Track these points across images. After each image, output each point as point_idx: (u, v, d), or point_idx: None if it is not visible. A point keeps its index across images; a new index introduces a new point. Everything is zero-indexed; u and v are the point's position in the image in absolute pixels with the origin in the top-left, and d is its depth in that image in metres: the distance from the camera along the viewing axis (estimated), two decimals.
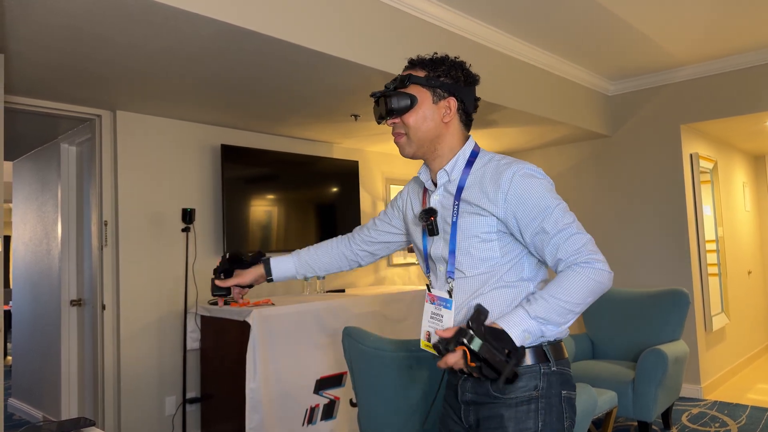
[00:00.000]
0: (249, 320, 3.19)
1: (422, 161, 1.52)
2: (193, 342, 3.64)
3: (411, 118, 1.40)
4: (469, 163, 1.42)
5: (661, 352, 3.38)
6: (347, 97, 3.36)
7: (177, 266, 3.65)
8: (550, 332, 1.26)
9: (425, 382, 2.23)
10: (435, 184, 1.48)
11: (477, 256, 1.36)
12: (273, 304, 3.43)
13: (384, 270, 5.08)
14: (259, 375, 3.18)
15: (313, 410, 3.48)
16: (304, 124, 4.01)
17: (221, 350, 3.49)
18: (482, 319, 1.22)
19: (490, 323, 1.24)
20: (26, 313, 4.75)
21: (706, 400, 4.42)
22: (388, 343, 2.27)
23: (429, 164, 1.48)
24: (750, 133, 5.13)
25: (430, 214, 1.44)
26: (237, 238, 3.86)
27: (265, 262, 1.65)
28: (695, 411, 4.14)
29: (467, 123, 1.47)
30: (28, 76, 2.81)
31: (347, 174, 4.66)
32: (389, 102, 1.40)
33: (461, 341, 1.17)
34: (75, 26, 2.22)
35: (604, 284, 1.27)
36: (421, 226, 1.49)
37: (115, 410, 3.40)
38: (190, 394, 3.64)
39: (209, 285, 3.83)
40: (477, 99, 1.48)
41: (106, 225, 3.46)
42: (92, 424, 1.51)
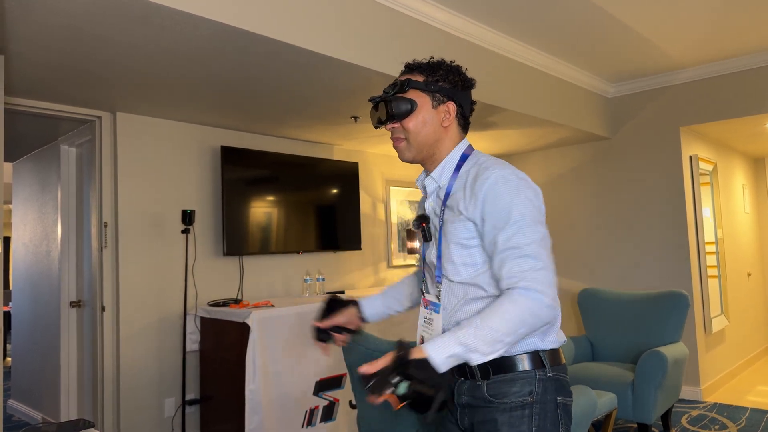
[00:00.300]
0: (248, 322, 3.19)
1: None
2: (193, 343, 3.64)
3: (411, 122, 1.40)
4: (459, 167, 1.41)
5: (661, 354, 3.38)
6: (347, 99, 3.36)
7: (177, 268, 3.65)
8: (476, 360, 1.19)
9: None
10: None
11: (459, 262, 1.34)
12: (273, 306, 3.43)
13: (384, 271, 5.08)
14: (258, 376, 3.18)
15: (312, 412, 3.48)
16: (304, 126, 4.01)
17: (221, 352, 3.49)
18: (405, 358, 1.16)
19: (414, 352, 1.18)
20: (26, 314, 4.75)
21: (706, 402, 4.42)
22: (388, 345, 2.27)
23: (427, 169, 1.48)
24: (749, 135, 5.14)
25: (422, 220, 1.45)
26: (237, 240, 3.86)
27: (356, 304, 1.67)
28: (695, 413, 4.13)
29: (465, 127, 1.47)
30: (29, 77, 2.81)
31: (347, 176, 4.67)
32: (390, 107, 1.40)
33: (387, 389, 1.14)
34: (75, 27, 2.22)
35: (541, 317, 1.21)
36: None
37: (115, 412, 3.40)
38: (189, 396, 3.64)
39: (208, 286, 3.85)
40: (473, 103, 1.49)
41: (105, 226, 3.46)
42: (91, 425, 1.51)
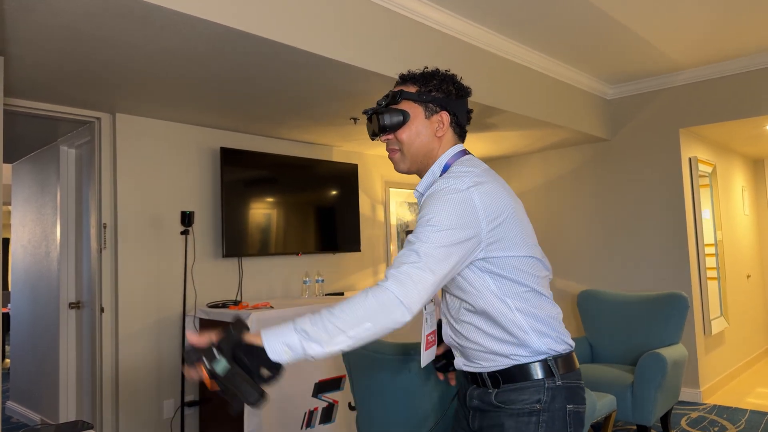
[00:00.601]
0: (248, 323, 3.18)
1: None
2: None
3: (404, 133, 1.40)
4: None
5: (660, 355, 3.37)
6: (346, 100, 3.36)
7: (176, 269, 3.65)
8: (313, 351, 1.09)
9: (423, 386, 2.22)
10: None
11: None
12: (272, 307, 3.43)
13: (383, 273, 5.07)
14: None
15: (311, 413, 3.48)
16: (303, 127, 4.02)
17: None
18: (234, 336, 1.07)
19: (250, 337, 1.10)
20: (25, 315, 4.74)
21: (706, 404, 4.42)
22: (387, 347, 2.27)
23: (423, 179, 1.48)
24: (749, 137, 5.14)
25: (409, 233, 1.46)
26: (236, 242, 3.86)
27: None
28: (694, 415, 4.13)
29: (461, 135, 1.46)
30: (28, 79, 2.81)
31: (346, 177, 4.67)
32: (381, 119, 1.40)
33: (203, 361, 1.05)
34: (75, 29, 2.22)
35: (392, 316, 1.11)
36: None
37: (113, 413, 3.39)
38: (188, 398, 3.64)
39: (208, 287, 3.84)
40: (470, 111, 1.47)
41: (105, 227, 3.46)
42: (90, 427, 1.51)
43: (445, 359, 1.56)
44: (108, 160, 3.49)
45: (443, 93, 1.41)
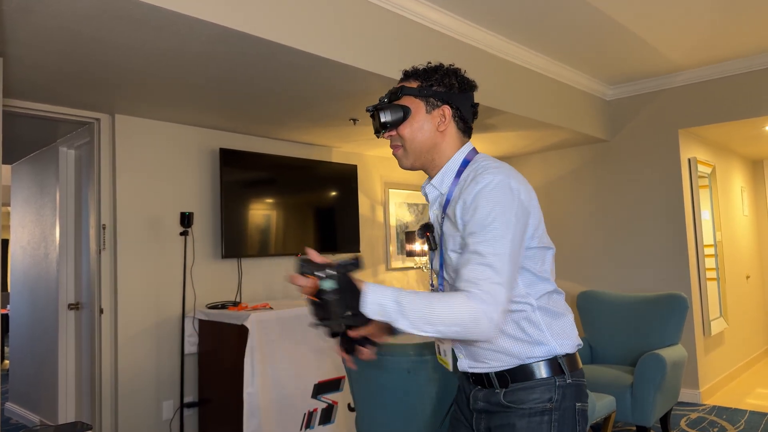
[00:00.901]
0: (247, 324, 3.19)
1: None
2: (191, 346, 3.64)
3: (406, 129, 1.39)
4: (460, 172, 1.38)
5: (660, 356, 3.37)
6: (346, 101, 3.36)
7: (175, 270, 3.65)
8: (400, 325, 1.15)
9: (423, 387, 2.22)
10: None
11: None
12: (271, 308, 3.43)
13: (382, 274, 5.07)
14: (256, 379, 3.18)
15: (311, 415, 3.47)
16: (302, 128, 4.01)
17: (219, 354, 3.48)
18: (350, 269, 1.16)
19: (356, 280, 1.16)
20: (24, 316, 4.74)
21: (705, 404, 4.42)
22: (386, 347, 2.27)
23: (429, 175, 1.45)
24: (748, 137, 5.14)
25: (426, 229, 1.44)
26: (235, 242, 3.86)
27: None
28: (694, 416, 4.13)
29: (466, 130, 1.44)
30: (27, 80, 2.81)
31: (346, 178, 4.66)
32: (382, 115, 1.39)
33: (316, 273, 1.14)
34: (74, 30, 2.22)
35: (480, 329, 1.14)
36: None
37: (113, 414, 3.39)
38: (187, 399, 3.63)
39: (207, 288, 3.84)
40: (475, 105, 1.45)
41: (104, 228, 3.46)
42: (89, 428, 1.50)
43: (355, 342, 1.39)
44: (107, 161, 3.49)
45: (445, 87, 1.39)
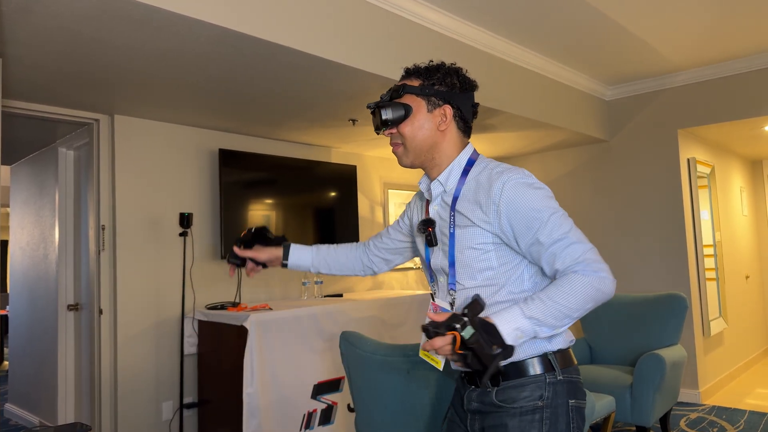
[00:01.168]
0: (246, 325, 3.18)
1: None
2: (191, 347, 3.63)
3: (406, 127, 1.39)
4: (465, 171, 1.40)
5: (659, 356, 3.37)
6: (345, 102, 3.36)
7: (174, 271, 3.65)
8: (544, 334, 1.22)
9: (423, 388, 2.22)
10: None
11: (474, 266, 1.34)
12: (271, 309, 3.43)
13: (382, 274, 5.07)
14: (256, 380, 3.17)
15: (310, 415, 3.47)
16: (302, 129, 4.01)
17: (219, 355, 3.48)
18: (478, 310, 1.19)
19: (483, 316, 1.20)
20: (23, 317, 4.73)
21: (705, 404, 4.42)
22: (386, 348, 2.27)
23: (428, 173, 1.46)
24: (747, 137, 5.15)
25: (427, 224, 1.44)
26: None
27: (285, 247, 1.67)
28: (693, 416, 4.13)
29: (466, 130, 1.45)
30: (27, 80, 2.81)
31: (345, 178, 4.67)
32: (383, 113, 1.39)
33: (453, 326, 1.14)
34: (73, 30, 2.22)
35: (606, 293, 1.23)
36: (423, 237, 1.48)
37: (112, 415, 3.39)
38: (187, 399, 3.63)
39: (206, 289, 3.84)
40: (475, 105, 1.46)
41: (103, 229, 3.46)
42: (88, 429, 1.50)
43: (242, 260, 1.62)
44: (106, 162, 3.49)
45: (446, 86, 1.40)
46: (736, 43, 3.94)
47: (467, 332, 1.14)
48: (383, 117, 1.39)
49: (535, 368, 1.30)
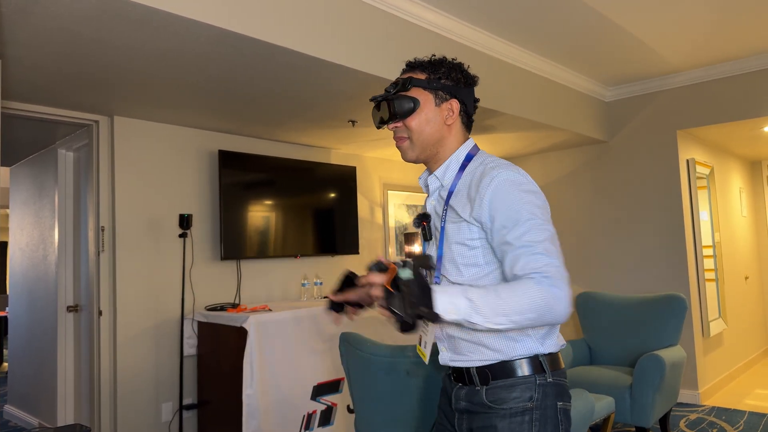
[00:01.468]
0: (246, 326, 3.18)
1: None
2: (190, 348, 3.63)
3: (414, 121, 1.38)
4: (463, 166, 1.39)
5: (659, 357, 3.37)
6: (345, 103, 3.36)
7: (174, 272, 3.65)
8: (475, 321, 1.15)
9: (422, 389, 2.22)
10: None
11: (461, 262, 1.33)
12: (270, 310, 3.43)
13: None
14: (256, 381, 3.17)
15: (310, 416, 3.47)
16: (301, 130, 4.02)
17: (218, 356, 3.48)
18: (425, 264, 1.17)
19: (425, 278, 1.17)
20: (23, 319, 4.73)
21: (704, 405, 4.42)
22: (385, 349, 2.27)
23: (430, 168, 1.46)
24: (746, 138, 5.15)
25: (422, 219, 1.43)
26: (234, 244, 3.86)
27: None
28: (693, 416, 4.13)
29: (468, 124, 1.45)
30: (26, 82, 2.81)
31: (345, 179, 4.67)
32: (392, 105, 1.38)
33: (395, 262, 1.15)
34: (72, 31, 2.23)
35: (555, 312, 1.15)
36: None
37: (112, 417, 3.38)
38: (186, 401, 3.63)
39: (206, 290, 3.83)
40: (476, 100, 1.47)
41: (103, 230, 3.46)
42: (88, 430, 1.50)
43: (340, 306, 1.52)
44: (106, 163, 3.49)
45: (452, 81, 1.40)
46: (735, 44, 3.94)
47: (404, 273, 1.13)
48: (392, 109, 1.38)
49: (524, 369, 1.29)
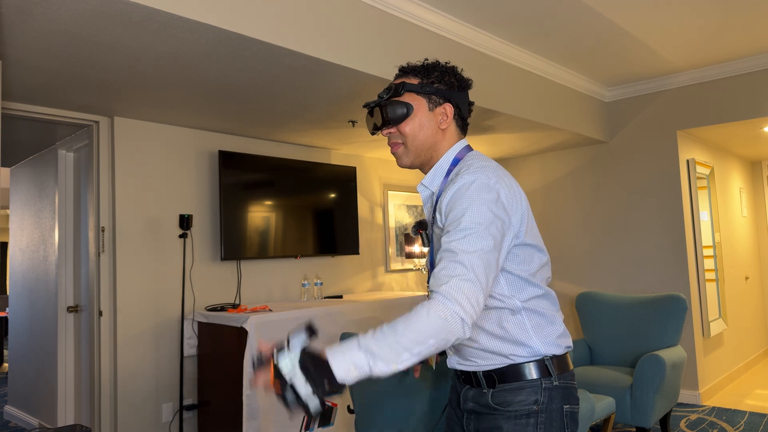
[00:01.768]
0: (246, 326, 3.18)
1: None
2: (190, 348, 3.63)
3: (407, 126, 1.38)
4: (449, 171, 1.38)
5: (659, 357, 3.37)
6: (344, 103, 3.36)
7: (174, 272, 3.65)
8: (379, 370, 1.09)
9: (421, 389, 2.22)
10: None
11: None
12: (270, 311, 3.43)
13: (381, 276, 5.07)
14: None
15: (310, 417, 3.47)
16: (301, 130, 4.02)
17: (218, 356, 3.48)
18: (303, 341, 1.07)
19: (317, 350, 1.10)
20: (23, 319, 4.73)
21: (705, 405, 4.42)
22: None
23: (425, 173, 1.45)
24: (746, 138, 5.15)
25: (419, 227, 1.44)
26: (234, 245, 3.86)
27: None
28: (693, 417, 4.13)
29: (463, 128, 1.45)
30: (26, 83, 2.81)
31: (345, 180, 4.67)
32: (385, 111, 1.37)
33: (274, 358, 1.04)
34: (72, 33, 2.23)
35: (453, 331, 1.09)
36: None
37: (112, 417, 3.38)
38: (187, 401, 3.63)
39: (206, 291, 3.83)
40: (471, 103, 1.46)
41: (103, 231, 3.46)
42: (88, 431, 1.50)
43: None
44: (106, 164, 3.49)
45: (446, 85, 1.39)
46: (735, 44, 3.95)
47: (284, 362, 1.02)
48: (385, 115, 1.37)
49: (531, 373, 1.29)
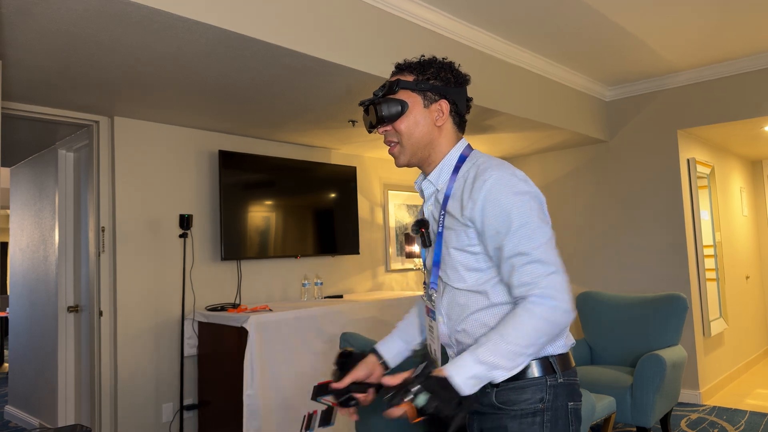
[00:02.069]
0: (246, 326, 3.18)
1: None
2: (191, 348, 3.63)
3: (402, 124, 1.36)
4: (457, 168, 1.36)
5: (660, 357, 3.37)
6: (345, 103, 3.36)
7: (174, 272, 3.65)
8: (500, 375, 1.18)
9: None
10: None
11: (463, 268, 1.31)
12: (271, 310, 3.43)
13: (382, 276, 5.07)
14: (256, 381, 3.17)
15: (310, 417, 3.46)
16: (301, 130, 4.02)
17: (219, 356, 3.48)
18: (427, 372, 1.15)
19: (436, 372, 1.16)
20: (23, 319, 4.73)
21: (705, 405, 4.42)
22: None
23: (424, 172, 1.43)
24: (747, 138, 5.15)
25: (421, 225, 1.41)
26: (235, 244, 3.86)
27: (373, 350, 1.55)
28: (694, 416, 4.13)
29: (461, 125, 1.43)
30: (26, 83, 2.81)
31: (345, 180, 4.67)
32: (379, 109, 1.36)
33: (408, 391, 1.12)
34: (73, 33, 2.23)
35: (559, 324, 1.19)
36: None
37: (112, 417, 3.38)
38: (187, 401, 3.63)
39: (206, 290, 3.83)
40: (469, 99, 1.44)
41: (103, 231, 3.46)
42: (88, 431, 1.50)
43: (348, 392, 1.51)
44: (106, 164, 3.49)
45: (442, 81, 1.37)
46: (735, 43, 3.94)
47: (420, 400, 1.11)
48: (379, 113, 1.36)
49: (535, 371, 1.28)
